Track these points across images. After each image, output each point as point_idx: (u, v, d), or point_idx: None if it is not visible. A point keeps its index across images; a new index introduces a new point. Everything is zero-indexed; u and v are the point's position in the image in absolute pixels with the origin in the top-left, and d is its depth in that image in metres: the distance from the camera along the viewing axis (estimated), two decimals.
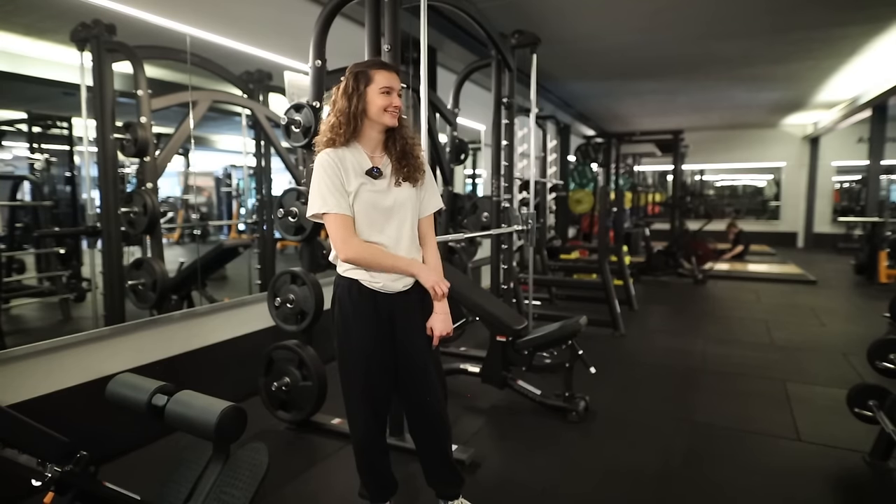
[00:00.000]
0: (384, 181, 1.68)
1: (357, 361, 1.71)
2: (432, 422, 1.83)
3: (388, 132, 1.70)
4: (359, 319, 1.68)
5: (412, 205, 1.72)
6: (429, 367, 1.77)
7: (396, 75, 1.68)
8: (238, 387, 2.98)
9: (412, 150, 1.72)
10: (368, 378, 1.72)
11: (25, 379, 2.18)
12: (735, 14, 4.62)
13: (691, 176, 13.36)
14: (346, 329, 1.70)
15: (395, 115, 1.66)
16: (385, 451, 1.87)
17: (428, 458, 1.89)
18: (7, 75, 2.54)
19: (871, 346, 2.62)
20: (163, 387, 1.66)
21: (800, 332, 4.78)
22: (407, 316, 1.73)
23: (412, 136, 1.74)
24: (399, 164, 1.69)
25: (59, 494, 1.37)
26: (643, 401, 3.23)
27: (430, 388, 1.78)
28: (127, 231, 2.87)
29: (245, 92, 3.61)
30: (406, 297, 1.72)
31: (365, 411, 1.76)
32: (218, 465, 1.60)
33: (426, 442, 1.87)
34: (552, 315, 4.68)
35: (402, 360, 1.75)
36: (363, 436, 1.79)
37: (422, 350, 1.75)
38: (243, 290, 3.87)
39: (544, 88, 7.19)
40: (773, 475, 2.36)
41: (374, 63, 1.70)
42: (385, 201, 1.67)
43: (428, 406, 1.79)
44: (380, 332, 1.70)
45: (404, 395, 1.81)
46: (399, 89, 1.67)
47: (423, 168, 1.75)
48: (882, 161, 8.17)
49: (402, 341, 1.73)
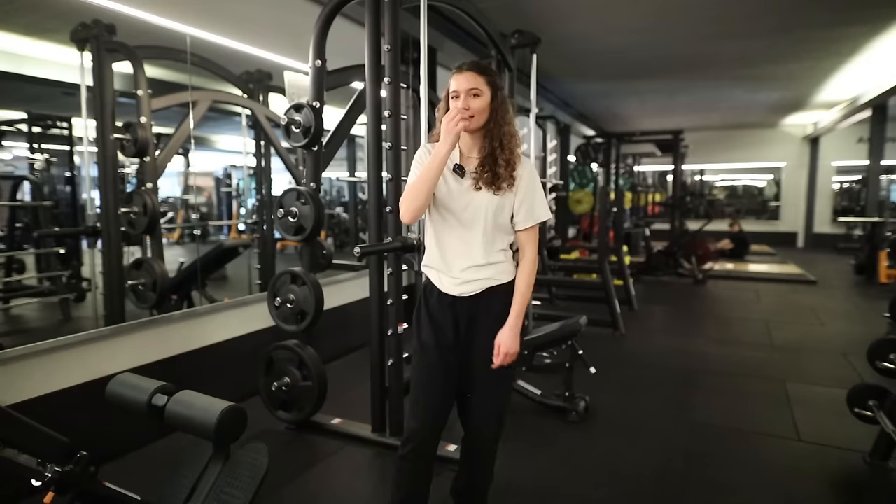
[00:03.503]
0: (466, 181, 1.60)
1: (418, 354, 1.67)
2: (475, 454, 1.74)
3: (485, 134, 1.60)
4: (423, 319, 1.66)
5: (489, 213, 1.58)
6: (489, 390, 1.66)
7: (471, 74, 1.56)
8: (238, 387, 2.98)
9: (500, 156, 1.58)
10: (427, 371, 1.65)
11: (25, 379, 2.18)
12: (735, 14, 4.62)
13: (691, 176, 13.35)
14: (418, 321, 1.68)
15: (467, 120, 1.54)
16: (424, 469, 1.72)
17: (462, 489, 1.83)
18: (7, 75, 2.54)
19: (871, 346, 2.62)
20: (163, 387, 1.66)
21: (800, 332, 4.78)
22: (472, 326, 1.63)
23: (507, 139, 1.59)
24: (482, 167, 1.59)
25: (59, 494, 1.37)
26: (643, 401, 3.23)
27: (483, 413, 1.68)
28: (127, 231, 2.87)
29: (245, 92, 3.61)
30: (474, 303, 1.62)
31: (419, 403, 1.67)
32: (218, 465, 1.60)
33: (464, 471, 1.79)
34: (552, 315, 4.68)
35: (463, 373, 1.66)
36: (411, 432, 1.66)
37: (483, 368, 1.63)
38: (243, 290, 3.87)
39: (544, 88, 7.19)
40: (773, 475, 2.36)
41: (455, 67, 1.61)
42: (460, 201, 1.59)
43: (477, 433, 1.71)
44: (442, 336, 1.62)
45: (460, 411, 1.74)
46: (471, 89, 1.55)
47: (510, 176, 1.59)
48: (882, 161, 8.17)
49: (465, 355, 1.64)
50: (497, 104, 1.59)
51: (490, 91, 1.58)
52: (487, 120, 1.59)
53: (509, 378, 1.75)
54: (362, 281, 4.03)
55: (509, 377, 1.74)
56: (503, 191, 1.58)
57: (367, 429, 2.68)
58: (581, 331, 2.86)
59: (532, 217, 1.63)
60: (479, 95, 1.56)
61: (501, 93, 1.61)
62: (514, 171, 1.59)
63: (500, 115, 1.59)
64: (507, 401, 1.74)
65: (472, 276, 1.61)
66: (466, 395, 1.70)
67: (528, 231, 1.64)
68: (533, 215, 1.63)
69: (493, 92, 1.59)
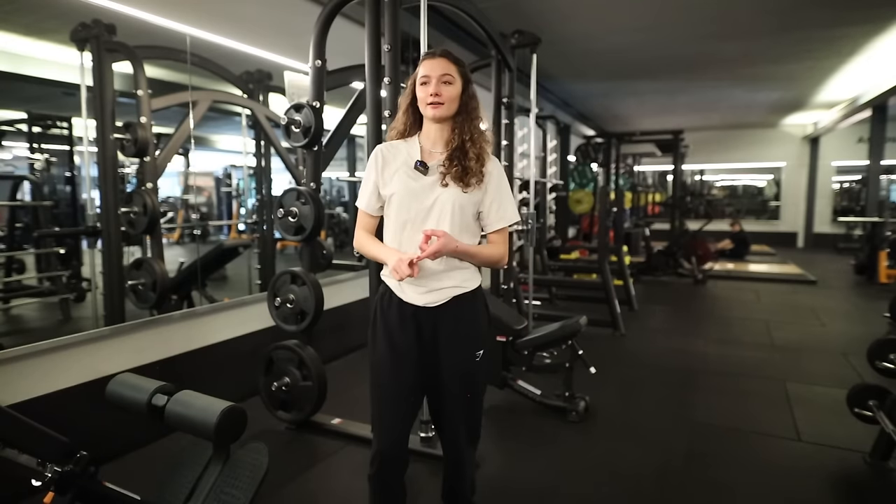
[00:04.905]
0: (431, 178, 1.52)
1: (375, 370, 1.60)
2: (452, 460, 1.70)
3: (453, 126, 1.53)
4: (383, 328, 1.57)
5: (457, 210, 1.50)
6: (459, 404, 1.60)
7: (444, 60, 1.50)
8: (238, 387, 2.98)
9: (470, 149, 1.50)
10: (382, 391, 1.59)
11: (25, 379, 2.18)
12: (735, 14, 4.62)
13: (691, 176, 13.36)
14: (373, 336, 1.60)
15: (436, 105, 1.48)
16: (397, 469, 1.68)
17: (449, 493, 1.80)
18: (7, 75, 2.54)
19: (871, 346, 2.62)
20: (163, 387, 1.66)
21: (800, 332, 4.78)
22: (437, 339, 1.55)
23: (478, 134, 1.53)
24: (450, 162, 1.50)
25: (59, 494, 1.37)
26: (643, 401, 3.23)
27: (454, 424, 1.63)
28: (127, 231, 2.87)
29: (245, 92, 3.61)
30: (439, 314, 1.54)
31: (378, 422, 1.62)
32: (218, 465, 1.60)
33: (447, 474, 1.77)
34: (552, 315, 4.68)
35: (431, 382, 1.60)
36: (374, 452, 1.61)
37: (453, 376, 1.57)
38: (243, 290, 3.87)
39: (544, 88, 7.19)
40: (773, 475, 2.36)
41: (425, 53, 1.55)
42: (425, 201, 1.51)
43: (452, 444, 1.67)
44: (401, 345, 1.54)
45: (433, 419, 1.71)
46: (443, 74, 1.48)
47: (480, 171, 1.51)
48: (882, 161, 8.17)
49: (430, 368, 1.58)
50: (468, 97, 1.54)
51: (462, 81, 1.53)
52: (456, 112, 1.53)
53: (481, 388, 1.69)
54: (362, 281, 4.03)
55: (481, 387, 1.69)
56: (471, 187, 1.50)
57: (367, 429, 2.67)
58: (581, 331, 2.86)
59: (503, 218, 1.56)
60: (450, 83, 1.50)
61: (472, 86, 1.57)
62: (483, 167, 1.52)
63: (470, 107, 1.54)
64: (480, 408, 1.69)
65: (438, 285, 1.53)
66: (435, 407, 1.66)
67: (499, 233, 1.58)
68: (504, 216, 1.56)
69: (465, 83, 1.54)
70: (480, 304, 1.62)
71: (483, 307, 1.64)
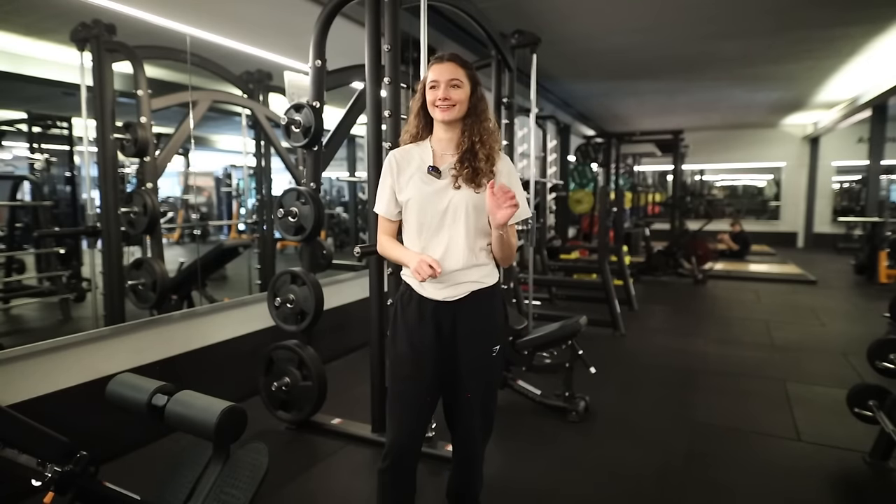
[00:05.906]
0: (444, 181, 1.55)
1: (394, 367, 1.63)
2: (463, 458, 1.73)
3: (463, 129, 1.57)
4: (403, 327, 1.60)
5: (471, 211, 1.54)
6: (475, 398, 1.63)
7: (452, 65, 1.54)
8: (238, 387, 2.98)
9: (479, 150, 1.54)
10: (401, 389, 1.62)
11: (25, 379, 2.18)
12: (735, 14, 4.62)
13: (691, 176, 13.36)
14: (393, 335, 1.63)
15: (446, 108, 1.52)
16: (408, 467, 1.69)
17: (456, 492, 1.81)
18: (7, 75, 2.54)
19: (871, 346, 2.62)
20: (163, 387, 1.66)
21: (800, 332, 4.78)
22: (455, 333, 1.58)
23: (487, 135, 1.56)
24: (461, 164, 1.54)
25: (59, 494, 1.37)
26: (643, 401, 3.23)
27: (469, 420, 1.65)
28: (127, 231, 2.87)
29: (245, 92, 3.61)
30: (458, 309, 1.57)
31: (395, 417, 1.64)
32: (218, 465, 1.60)
33: (456, 473, 1.78)
34: (552, 315, 4.68)
35: (448, 378, 1.62)
36: (389, 446, 1.63)
37: (471, 371, 1.60)
38: (243, 290, 3.87)
39: (544, 88, 7.19)
40: (773, 475, 2.36)
41: (434, 58, 1.58)
42: (439, 203, 1.54)
43: (465, 440, 1.69)
44: (420, 344, 1.57)
45: (447, 416, 1.72)
46: (451, 79, 1.52)
47: (490, 171, 1.55)
48: (882, 161, 8.17)
49: (448, 363, 1.60)
50: (476, 99, 1.57)
51: (470, 84, 1.56)
52: (465, 115, 1.56)
53: (495, 384, 1.72)
54: (362, 281, 4.03)
55: (496, 383, 1.72)
56: (483, 188, 1.53)
57: (367, 429, 2.68)
58: (581, 331, 2.86)
59: (515, 214, 1.56)
60: (459, 86, 1.53)
61: (480, 88, 1.60)
62: (493, 167, 1.56)
63: (479, 109, 1.57)
64: (494, 404, 1.72)
65: (458, 280, 1.56)
66: (450, 402, 1.67)
67: (511, 228, 1.61)
68: (516, 212, 1.55)
69: (473, 86, 1.57)
70: (498, 300, 1.66)
71: (501, 303, 1.67)
